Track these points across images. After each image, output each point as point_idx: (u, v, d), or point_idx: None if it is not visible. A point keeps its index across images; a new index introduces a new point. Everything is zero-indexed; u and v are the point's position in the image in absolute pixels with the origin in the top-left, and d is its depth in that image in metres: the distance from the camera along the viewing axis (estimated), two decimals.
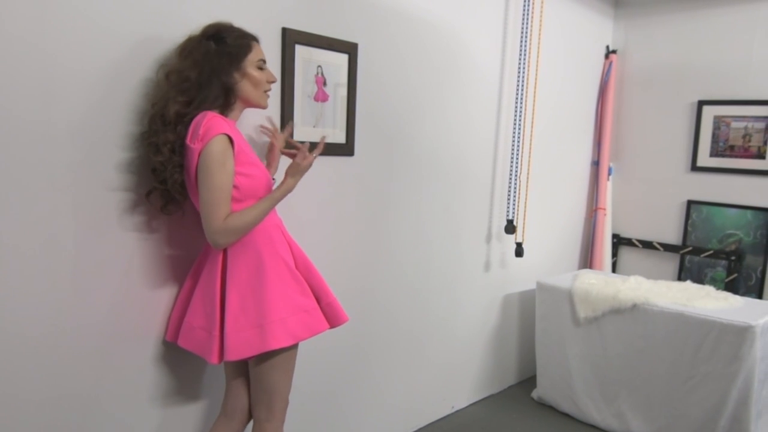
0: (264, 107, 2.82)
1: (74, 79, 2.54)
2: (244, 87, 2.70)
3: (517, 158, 4.92)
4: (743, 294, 5.27)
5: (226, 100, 2.68)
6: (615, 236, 6.14)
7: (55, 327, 2.60)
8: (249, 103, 2.77)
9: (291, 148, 3.16)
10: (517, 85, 4.86)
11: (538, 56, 4.92)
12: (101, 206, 2.68)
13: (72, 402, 2.71)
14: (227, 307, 2.63)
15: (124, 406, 2.90)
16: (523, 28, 4.82)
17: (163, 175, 2.67)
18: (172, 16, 2.81)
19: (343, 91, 3.63)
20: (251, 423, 2.94)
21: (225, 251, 2.70)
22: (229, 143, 2.55)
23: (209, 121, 2.54)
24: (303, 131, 3.43)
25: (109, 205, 2.70)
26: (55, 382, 2.64)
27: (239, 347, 2.61)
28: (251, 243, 2.68)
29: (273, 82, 2.81)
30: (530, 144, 5.00)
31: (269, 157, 3.17)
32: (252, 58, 2.70)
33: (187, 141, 2.55)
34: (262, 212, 2.65)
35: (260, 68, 2.73)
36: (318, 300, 2.84)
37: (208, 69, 2.61)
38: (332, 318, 2.89)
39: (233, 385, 2.98)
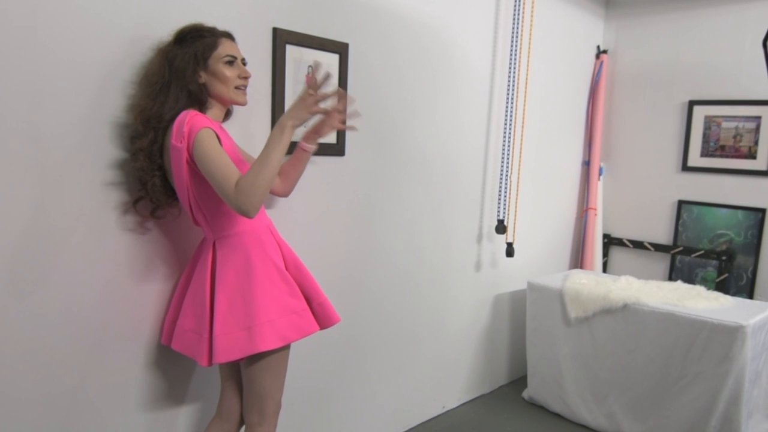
0: (241, 104, 2.78)
1: (65, 77, 2.54)
2: (213, 84, 2.69)
3: (507, 158, 4.92)
4: (734, 294, 5.29)
5: (194, 101, 2.66)
6: (606, 236, 6.14)
7: (41, 327, 2.59)
8: (224, 101, 2.75)
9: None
10: (508, 85, 4.86)
11: (528, 56, 4.92)
12: (91, 205, 2.67)
13: (57, 404, 2.69)
14: (216, 309, 2.62)
15: (112, 408, 2.88)
16: (514, 28, 4.82)
17: (144, 180, 2.68)
18: (163, 16, 2.80)
19: None
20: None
21: (214, 253, 2.70)
22: (215, 136, 2.54)
23: (192, 118, 2.52)
24: (294, 131, 3.42)
25: (99, 204, 2.70)
26: (41, 383, 2.63)
27: (228, 349, 2.60)
28: (240, 244, 2.67)
29: (246, 77, 2.76)
30: (521, 144, 5.00)
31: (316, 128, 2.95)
32: (218, 54, 2.67)
33: (172, 141, 2.53)
34: (272, 154, 2.46)
35: (229, 63, 2.70)
36: (309, 301, 2.83)
37: (169, 73, 2.61)
38: (323, 319, 2.87)
39: (226, 387, 2.96)
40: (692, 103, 5.55)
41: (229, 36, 2.76)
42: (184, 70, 2.61)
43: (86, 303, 2.71)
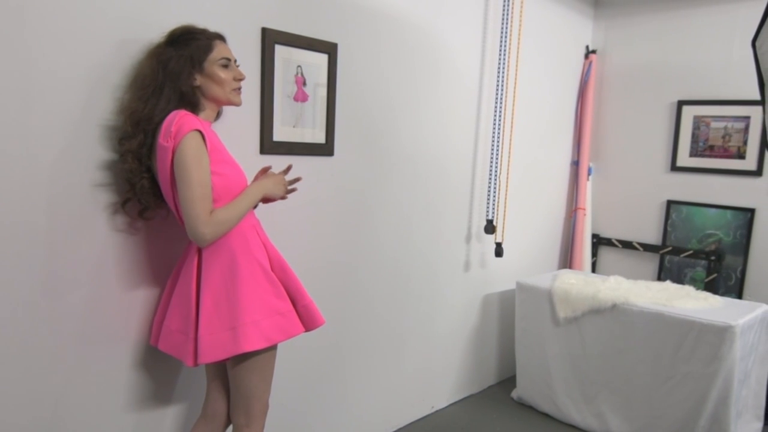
0: (237, 104, 2.80)
1: (55, 80, 2.53)
2: (210, 87, 2.68)
3: (496, 158, 4.92)
4: (723, 294, 5.29)
5: (186, 102, 2.65)
6: (595, 236, 6.15)
7: (26, 327, 2.57)
8: (219, 102, 2.75)
9: None
10: (497, 85, 4.86)
11: (517, 56, 4.91)
12: (81, 205, 2.66)
13: (44, 404, 2.67)
14: (201, 310, 2.61)
15: (99, 408, 2.87)
16: (502, 27, 4.81)
17: (133, 182, 2.67)
18: (152, 18, 2.79)
19: (323, 91, 3.61)
20: (231, 426, 2.92)
21: (200, 253, 2.69)
22: (202, 140, 2.53)
23: (181, 118, 2.52)
24: (283, 131, 3.41)
25: (89, 205, 2.69)
26: (28, 382, 2.61)
27: (212, 349, 2.59)
28: (225, 244, 2.65)
29: (241, 79, 2.77)
30: (510, 144, 5.00)
31: None
32: (214, 57, 2.66)
33: (160, 140, 2.53)
34: (246, 206, 2.67)
35: (224, 66, 2.70)
36: (294, 302, 2.81)
37: (162, 75, 2.60)
38: (308, 321, 2.85)
39: (212, 388, 2.96)
40: (681, 103, 5.56)
41: (221, 37, 2.75)
42: (179, 73, 2.60)
43: (74, 303, 2.70)
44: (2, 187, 2.43)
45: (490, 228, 4.94)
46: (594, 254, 6.15)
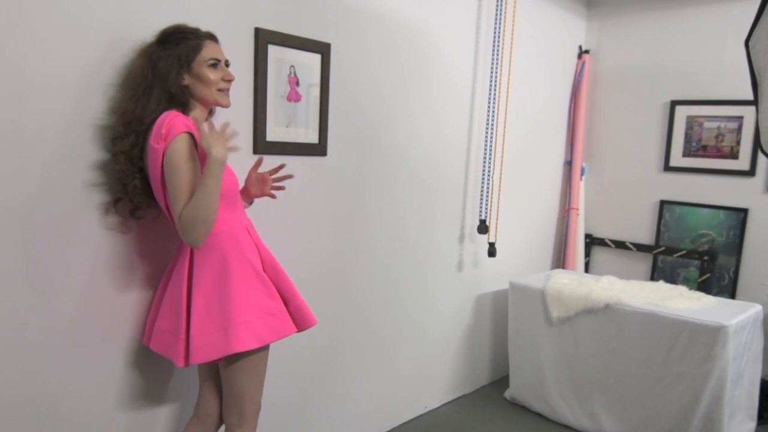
0: (224, 106, 2.77)
1: (47, 79, 2.52)
2: (197, 87, 2.67)
3: (489, 158, 4.91)
4: (716, 294, 5.28)
5: (176, 103, 2.65)
6: (588, 236, 6.15)
7: (18, 327, 2.56)
8: (207, 103, 2.74)
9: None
10: (490, 85, 4.86)
11: (511, 56, 4.91)
12: (73, 204, 2.66)
13: (37, 404, 2.67)
14: (193, 310, 2.61)
15: (92, 408, 2.86)
16: (496, 27, 4.81)
17: (125, 182, 2.67)
18: (145, 17, 2.78)
19: (316, 91, 3.61)
20: (223, 426, 2.91)
21: (192, 253, 2.69)
22: (192, 142, 2.54)
23: (171, 120, 2.51)
24: (276, 131, 3.41)
25: (81, 204, 2.68)
26: (21, 383, 2.61)
27: (204, 350, 2.59)
28: (217, 245, 2.65)
29: (230, 80, 2.75)
30: (503, 144, 4.99)
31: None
32: (202, 57, 2.65)
33: (151, 141, 2.53)
34: (205, 193, 2.49)
35: (213, 66, 2.68)
36: (286, 303, 2.81)
37: (151, 75, 2.60)
38: (300, 321, 2.85)
39: (205, 388, 2.95)
40: (674, 103, 5.56)
41: (212, 37, 2.74)
42: (167, 73, 2.59)
43: (67, 302, 2.70)
44: None
45: (483, 228, 4.94)
46: (587, 254, 6.16)
